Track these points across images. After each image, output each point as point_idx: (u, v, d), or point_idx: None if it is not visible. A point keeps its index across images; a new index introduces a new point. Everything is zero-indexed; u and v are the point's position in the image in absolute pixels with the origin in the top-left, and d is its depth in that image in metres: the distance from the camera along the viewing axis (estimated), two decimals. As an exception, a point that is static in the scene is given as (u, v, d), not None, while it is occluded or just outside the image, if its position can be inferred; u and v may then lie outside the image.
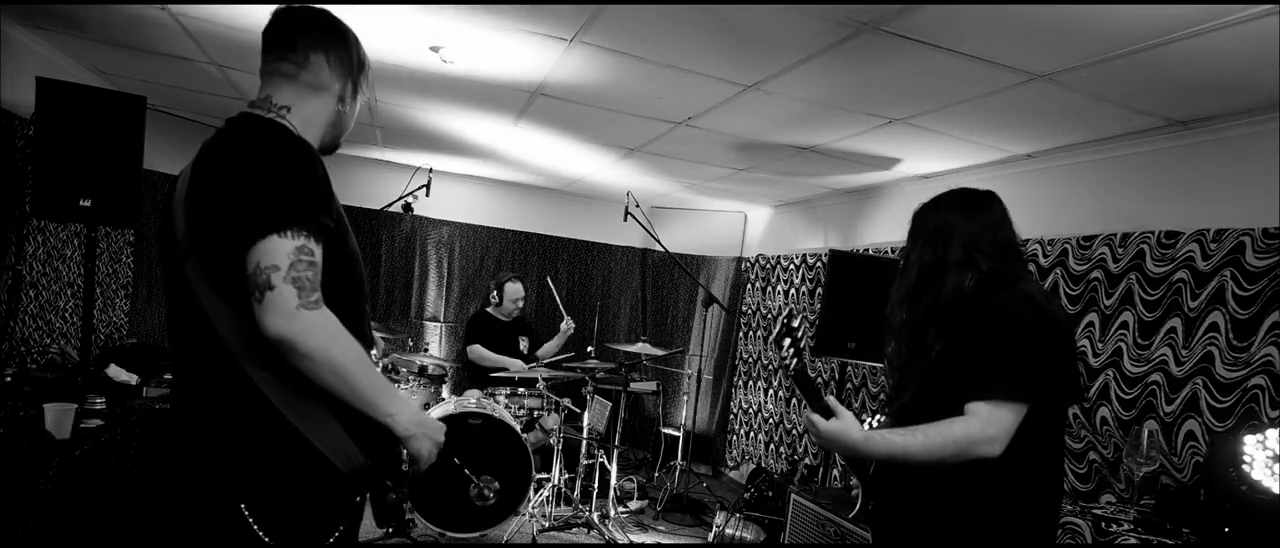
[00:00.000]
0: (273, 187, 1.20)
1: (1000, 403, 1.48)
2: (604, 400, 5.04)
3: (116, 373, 3.29)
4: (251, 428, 1.26)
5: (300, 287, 1.17)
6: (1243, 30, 2.02)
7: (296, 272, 1.17)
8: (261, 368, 1.24)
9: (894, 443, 1.50)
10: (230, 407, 1.27)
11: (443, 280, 6.16)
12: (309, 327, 1.17)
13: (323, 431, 1.28)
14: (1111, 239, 3.07)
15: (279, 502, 1.27)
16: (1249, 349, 2.51)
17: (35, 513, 2.34)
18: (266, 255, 1.16)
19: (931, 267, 1.67)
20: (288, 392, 1.25)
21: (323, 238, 1.24)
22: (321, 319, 1.20)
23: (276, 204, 1.19)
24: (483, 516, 3.72)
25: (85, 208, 2.78)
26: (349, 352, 1.23)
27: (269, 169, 1.22)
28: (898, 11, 2.16)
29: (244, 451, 1.26)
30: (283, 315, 1.15)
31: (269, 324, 1.16)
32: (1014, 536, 1.57)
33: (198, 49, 3.25)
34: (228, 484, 1.25)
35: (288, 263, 1.17)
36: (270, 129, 1.30)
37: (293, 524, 1.28)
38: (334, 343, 1.21)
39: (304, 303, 1.17)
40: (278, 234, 1.17)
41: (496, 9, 2.49)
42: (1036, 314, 1.54)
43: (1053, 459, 1.63)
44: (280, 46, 1.40)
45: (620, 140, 4.21)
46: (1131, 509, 2.50)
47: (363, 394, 1.25)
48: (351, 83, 1.48)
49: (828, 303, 3.65)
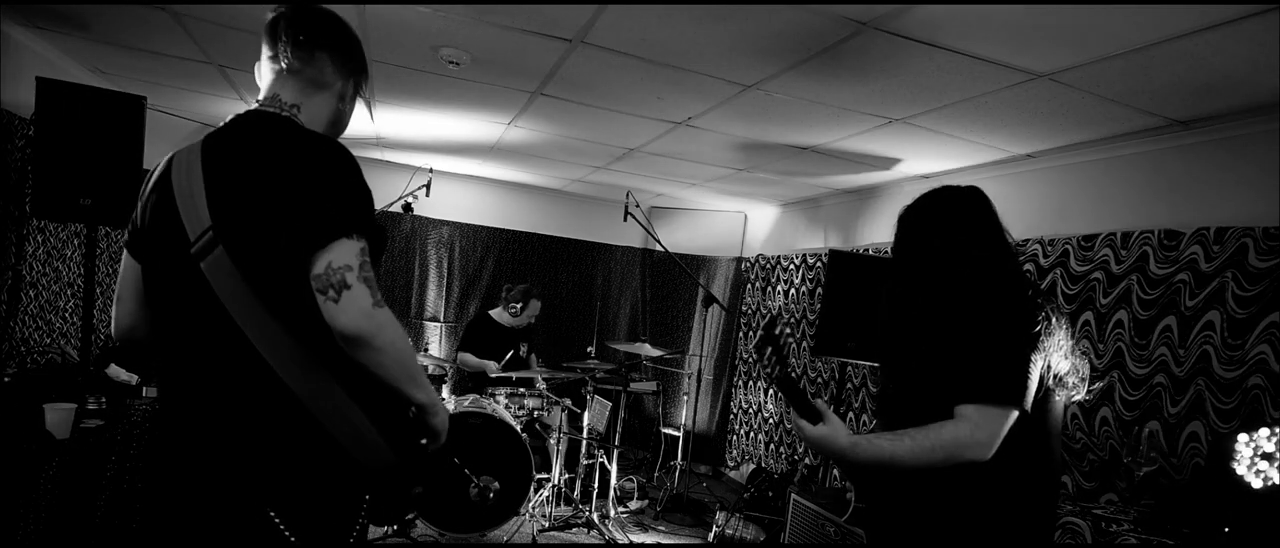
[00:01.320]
0: (340, 191, 1.26)
1: (990, 407, 1.45)
2: (604, 400, 5.04)
3: (116, 373, 3.29)
4: (277, 431, 1.27)
5: (371, 286, 1.23)
6: (1243, 30, 2.01)
7: (366, 272, 1.23)
8: (298, 369, 1.25)
9: (882, 449, 1.48)
10: (254, 410, 1.27)
11: (443, 280, 6.16)
12: (382, 323, 1.23)
13: (352, 431, 1.29)
14: (1112, 239, 3.07)
15: (305, 504, 1.29)
16: (1243, 348, 2.51)
17: (35, 513, 2.34)
18: (339, 257, 1.21)
19: (922, 265, 1.66)
20: (318, 394, 1.27)
21: (367, 239, 1.29)
22: (390, 316, 1.27)
23: (345, 208, 1.25)
24: (483, 516, 3.72)
25: (85, 207, 2.78)
26: (409, 348, 1.32)
27: (334, 174, 1.28)
28: (897, 11, 2.16)
29: (270, 455, 1.27)
30: (361, 314, 1.21)
31: (347, 322, 1.20)
32: (1007, 535, 1.56)
33: (198, 49, 3.25)
34: (255, 490, 1.26)
35: (358, 263, 1.22)
36: (309, 134, 1.34)
37: (319, 525, 1.30)
38: (401, 337, 1.28)
39: (377, 301, 1.24)
40: (346, 237, 1.22)
41: (498, 9, 2.49)
42: (1027, 316, 1.52)
43: (1049, 460, 1.63)
44: (286, 43, 1.40)
45: (620, 140, 4.21)
46: (1131, 509, 2.50)
47: (419, 382, 1.33)
48: (353, 82, 1.50)
49: (827, 303, 3.65)
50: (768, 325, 1.60)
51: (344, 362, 1.25)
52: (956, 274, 1.60)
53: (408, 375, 1.30)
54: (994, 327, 1.51)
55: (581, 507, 4.21)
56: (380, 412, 1.31)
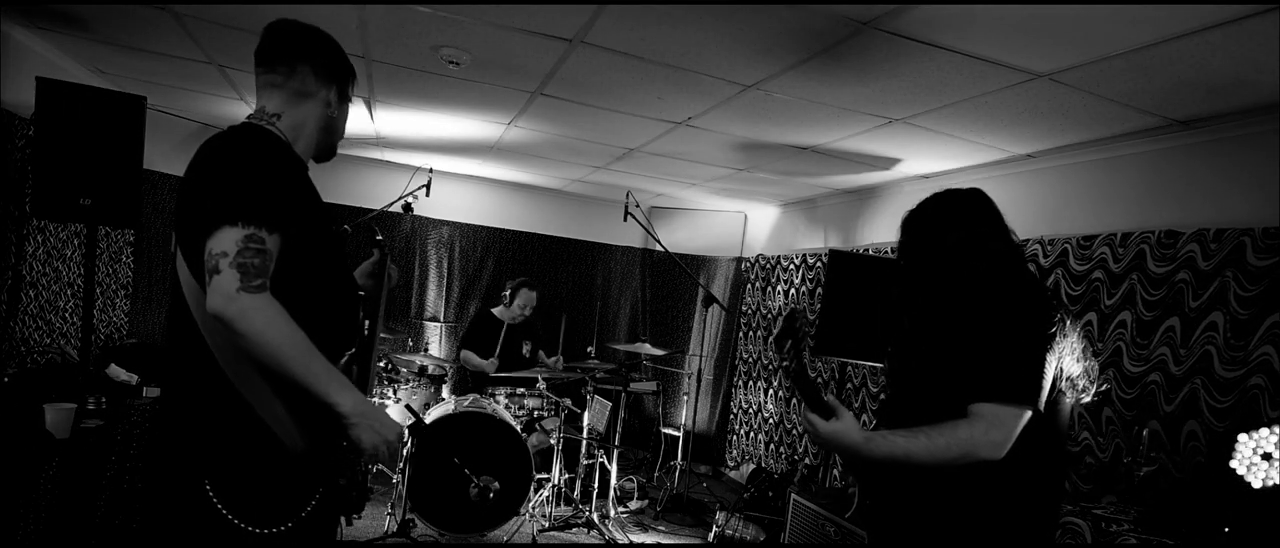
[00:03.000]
0: (230, 182, 1.33)
1: (1006, 406, 1.45)
2: (604, 400, 5.03)
3: (116, 373, 3.29)
4: (214, 405, 1.36)
5: (244, 272, 1.27)
6: (1243, 30, 2.01)
7: (243, 258, 1.27)
8: (230, 353, 1.34)
9: (897, 445, 1.47)
10: (197, 385, 1.38)
11: (443, 280, 6.16)
12: (246, 308, 1.26)
13: (273, 414, 1.37)
14: (1112, 239, 3.07)
15: (239, 479, 1.36)
16: (1246, 348, 2.51)
17: (35, 513, 2.34)
18: (218, 243, 1.27)
19: (935, 263, 1.66)
20: (244, 379, 1.35)
21: (277, 231, 1.32)
22: (261, 302, 1.28)
23: (231, 198, 1.30)
24: (483, 516, 3.72)
25: (85, 207, 2.78)
26: (287, 336, 1.30)
27: (230, 167, 1.35)
28: (896, 11, 2.16)
29: (207, 427, 1.36)
30: (222, 296, 1.26)
31: (211, 304, 1.27)
32: (1011, 534, 1.56)
33: (198, 49, 3.25)
34: (192, 461, 1.35)
35: (235, 250, 1.27)
36: (247, 132, 1.43)
37: (252, 502, 1.36)
38: (270, 326, 1.28)
39: (245, 286, 1.27)
40: (229, 225, 1.28)
41: (498, 8, 2.49)
42: (1044, 316, 1.52)
43: (1055, 459, 1.63)
44: (269, 59, 1.51)
45: (620, 140, 4.21)
46: (1131, 509, 2.50)
47: (299, 377, 1.32)
48: (337, 88, 1.59)
49: (828, 303, 3.65)
50: (789, 318, 1.58)
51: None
52: (972, 270, 1.60)
53: (284, 369, 1.30)
54: (1010, 325, 1.51)
55: (581, 507, 4.21)
56: (290, 397, 1.37)
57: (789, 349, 1.54)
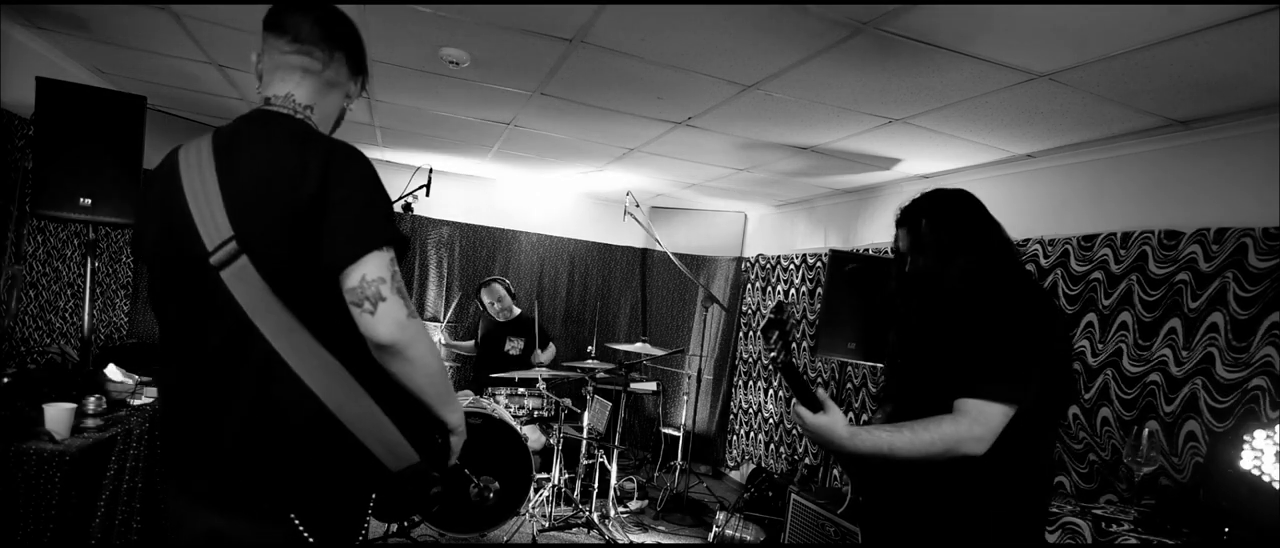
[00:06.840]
0: (369, 204, 1.27)
1: (990, 402, 1.47)
2: (604, 400, 5.04)
3: (116, 373, 3.28)
4: (303, 437, 1.26)
5: (403, 297, 1.25)
6: (1243, 30, 2.01)
7: (397, 282, 1.25)
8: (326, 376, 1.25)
9: (881, 439, 1.49)
10: (279, 417, 1.25)
11: (443, 280, 6.16)
12: (416, 334, 1.26)
13: (377, 432, 1.29)
14: (1112, 239, 3.07)
15: (327, 508, 1.31)
16: (1248, 350, 2.51)
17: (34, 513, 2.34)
18: (372, 269, 1.22)
19: (925, 261, 1.66)
20: (346, 400, 1.26)
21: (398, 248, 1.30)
22: (422, 327, 1.29)
23: (375, 221, 1.26)
24: (483, 516, 3.72)
25: (85, 207, 2.78)
26: (438, 358, 1.33)
27: (362, 186, 1.27)
28: (896, 11, 2.16)
29: (296, 460, 1.27)
30: (396, 325, 1.23)
31: (383, 332, 1.22)
32: (999, 531, 1.56)
33: (198, 49, 3.25)
34: (280, 495, 1.26)
35: (390, 274, 1.24)
36: (329, 142, 1.32)
37: (335, 525, 1.33)
38: (431, 349, 1.30)
39: (410, 312, 1.26)
40: (378, 250, 1.23)
41: (499, 9, 2.49)
42: (1033, 313, 1.53)
43: (1043, 458, 1.63)
44: (305, 39, 1.37)
45: (620, 140, 4.21)
46: (1131, 509, 2.50)
47: (443, 394, 1.35)
48: (359, 82, 1.51)
49: (827, 303, 3.65)
50: (775, 309, 1.61)
51: (371, 367, 1.27)
52: (967, 266, 1.60)
53: (434, 388, 1.32)
54: (998, 322, 1.52)
55: (581, 507, 4.21)
56: (405, 414, 1.32)
57: (776, 340, 1.56)
